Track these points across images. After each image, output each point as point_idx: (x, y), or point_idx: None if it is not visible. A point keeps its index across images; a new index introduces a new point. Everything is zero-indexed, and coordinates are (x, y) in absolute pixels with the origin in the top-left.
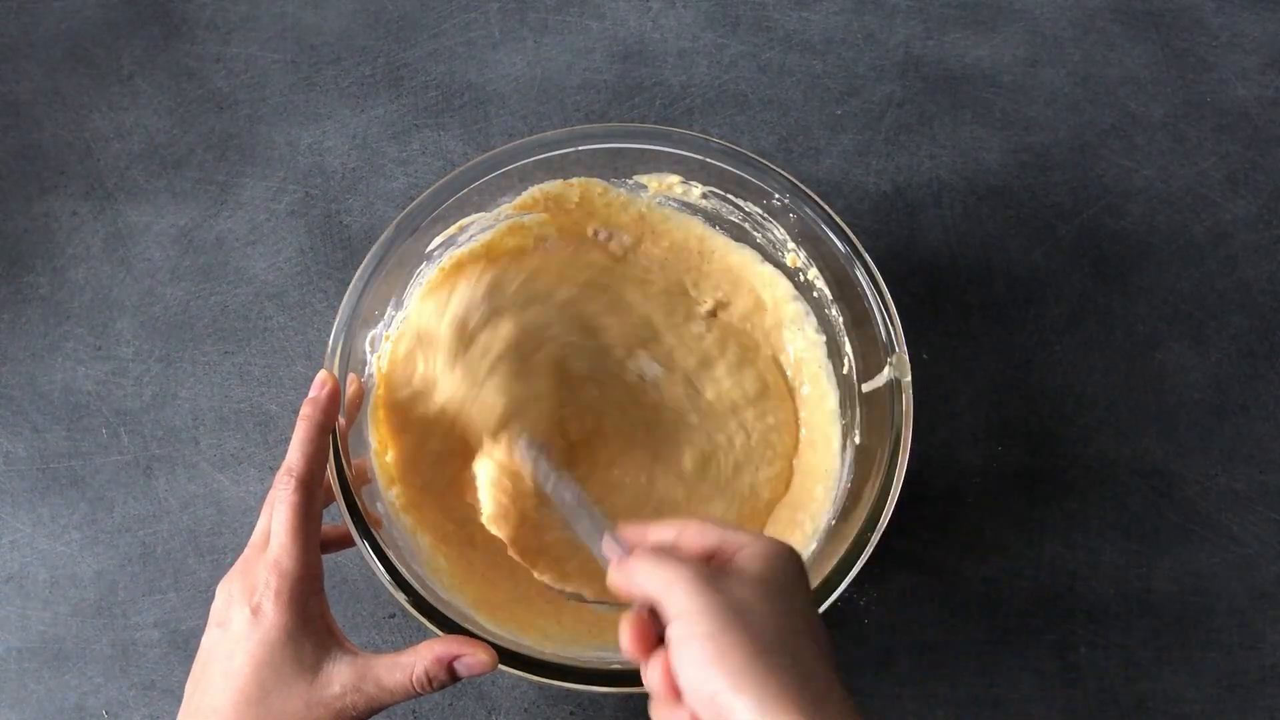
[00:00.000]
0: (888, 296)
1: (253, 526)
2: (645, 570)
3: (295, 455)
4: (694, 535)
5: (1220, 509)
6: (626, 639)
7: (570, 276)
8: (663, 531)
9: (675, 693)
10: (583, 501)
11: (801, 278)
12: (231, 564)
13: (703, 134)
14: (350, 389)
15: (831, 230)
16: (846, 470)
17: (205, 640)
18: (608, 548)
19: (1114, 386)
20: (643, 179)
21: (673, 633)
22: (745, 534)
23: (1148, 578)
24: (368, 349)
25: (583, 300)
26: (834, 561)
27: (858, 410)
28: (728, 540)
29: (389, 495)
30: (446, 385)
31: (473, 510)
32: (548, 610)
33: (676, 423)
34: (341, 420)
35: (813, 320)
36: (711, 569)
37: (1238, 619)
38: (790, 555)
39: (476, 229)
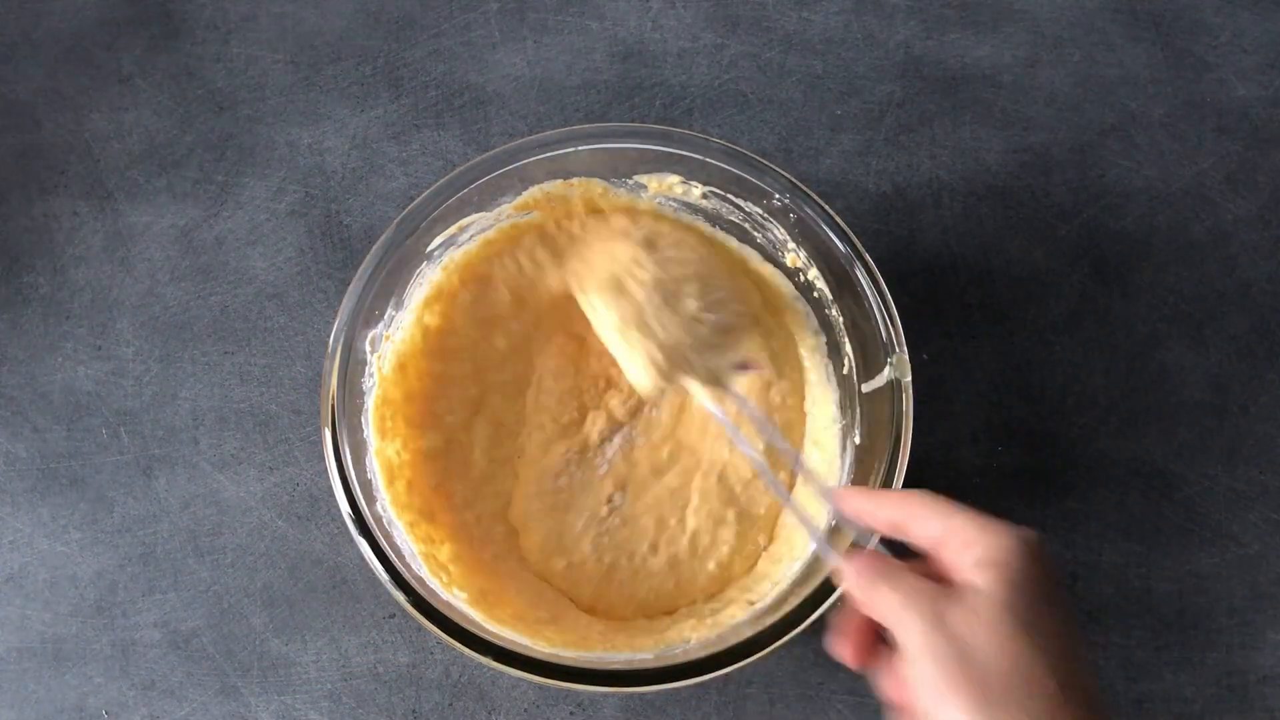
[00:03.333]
0: (888, 296)
1: (252, 526)
2: (882, 593)
3: None
4: (922, 523)
5: (1220, 509)
6: (847, 653)
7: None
8: (892, 507)
9: (906, 706)
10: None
11: (801, 278)
12: (231, 564)
13: (703, 134)
14: None
15: (831, 230)
16: (846, 470)
17: None
18: (834, 513)
19: (1114, 386)
20: (643, 179)
21: (903, 671)
22: (974, 523)
23: (1148, 578)
24: (368, 349)
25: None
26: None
27: (858, 410)
28: (955, 530)
29: (389, 495)
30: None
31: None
32: (548, 611)
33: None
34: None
35: (813, 320)
36: (941, 594)
37: (1238, 619)
38: (1031, 561)
39: (476, 229)
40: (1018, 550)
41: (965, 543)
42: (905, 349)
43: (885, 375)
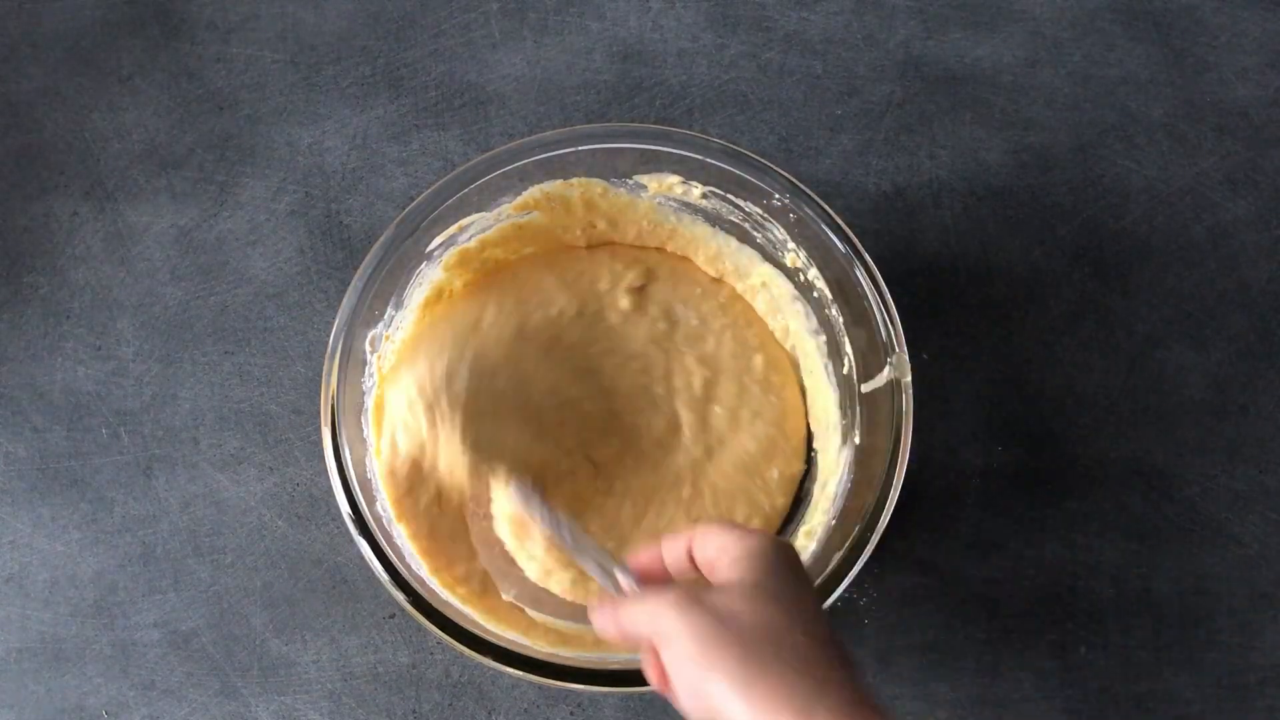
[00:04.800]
0: (888, 296)
1: (252, 526)
2: (630, 613)
3: None
4: (698, 546)
5: (1220, 509)
6: (651, 678)
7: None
8: (675, 545)
9: (672, 692)
10: (582, 540)
11: (801, 278)
12: (231, 564)
13: (703, 134)
14: None
15: (831, 230)
16: (846, 470)
17: None
18: (619, 581)
19: (1114, 386)
20: (643, 179)
21: (665, 658)
22: (732, 534)
23: (1148, 578)
24: (368, 349)
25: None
26: (834, 562)
27: (858, 410)
28: (720, 545)
29: (388, 495)
30: (430, 445)
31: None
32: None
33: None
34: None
35: (813, 320)
36: (695, 587)
37: (1238, 619)
38: (775, 550)
39: (476, 229)
40: (767, 546)
41: (723, 549)
42: (905, 349)
43: (885, 375)
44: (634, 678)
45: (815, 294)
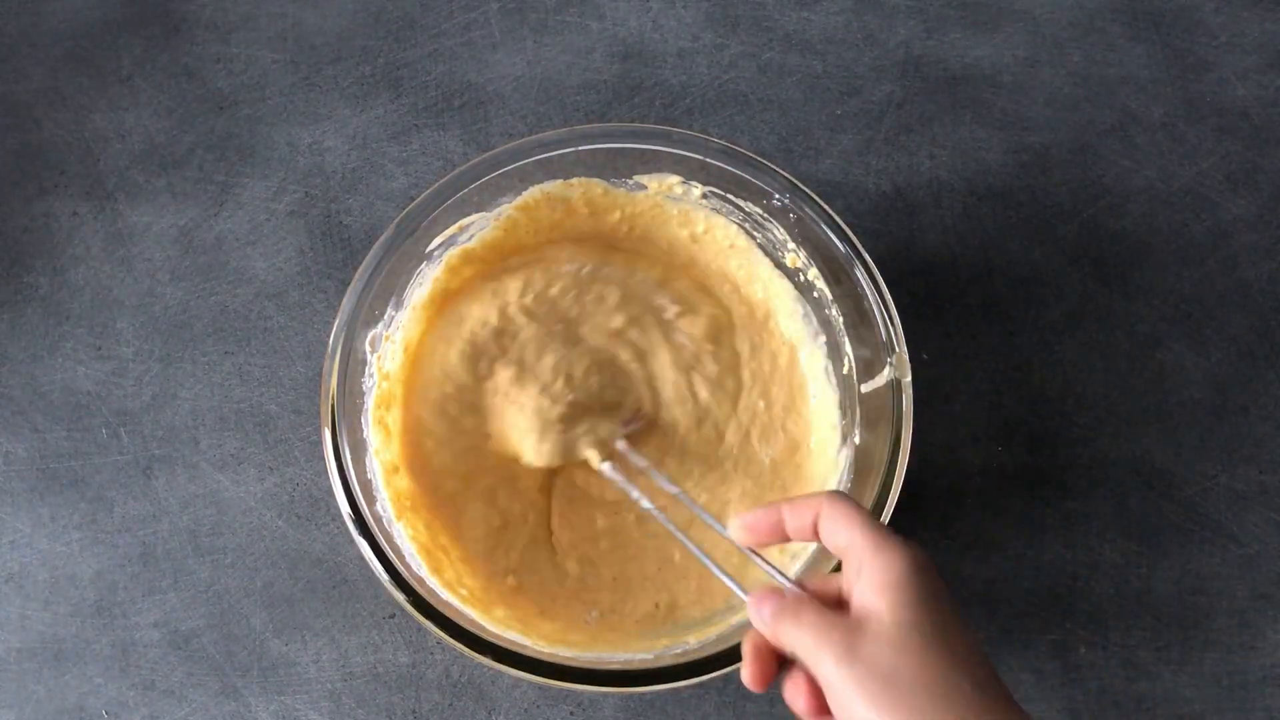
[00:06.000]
0: (888, 296)
1: (252, 526)
2: (790, 633)
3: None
4: (825, 529)
5: (1220, 509)
6: (752, 680)
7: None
8: (799, 513)
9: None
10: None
11: (801, 278)
12: (231, 564)
13: (703, 134)
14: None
15: (831, 230)
16: (846, 470)
17: None
18: (736, 532)
19: (1114, 386)
20: (643, 179)
21: (832, 702)
22: (867, 542)
23: (1148, 578)
24: (368, 349)
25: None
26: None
27: (858, 410)
28: (851, 550)
29: (388, 495)
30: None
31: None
32: (548, 610)
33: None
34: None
35: (813, 320)
36: (847, 627)
37: (1238, 619)
38: (920, 577)
39: (476, 229)
40: (909, 570)
41: (859, 566)
42: (905, 349)
43: (885, 375)
44: (634, 678)
45: (815, 294)
